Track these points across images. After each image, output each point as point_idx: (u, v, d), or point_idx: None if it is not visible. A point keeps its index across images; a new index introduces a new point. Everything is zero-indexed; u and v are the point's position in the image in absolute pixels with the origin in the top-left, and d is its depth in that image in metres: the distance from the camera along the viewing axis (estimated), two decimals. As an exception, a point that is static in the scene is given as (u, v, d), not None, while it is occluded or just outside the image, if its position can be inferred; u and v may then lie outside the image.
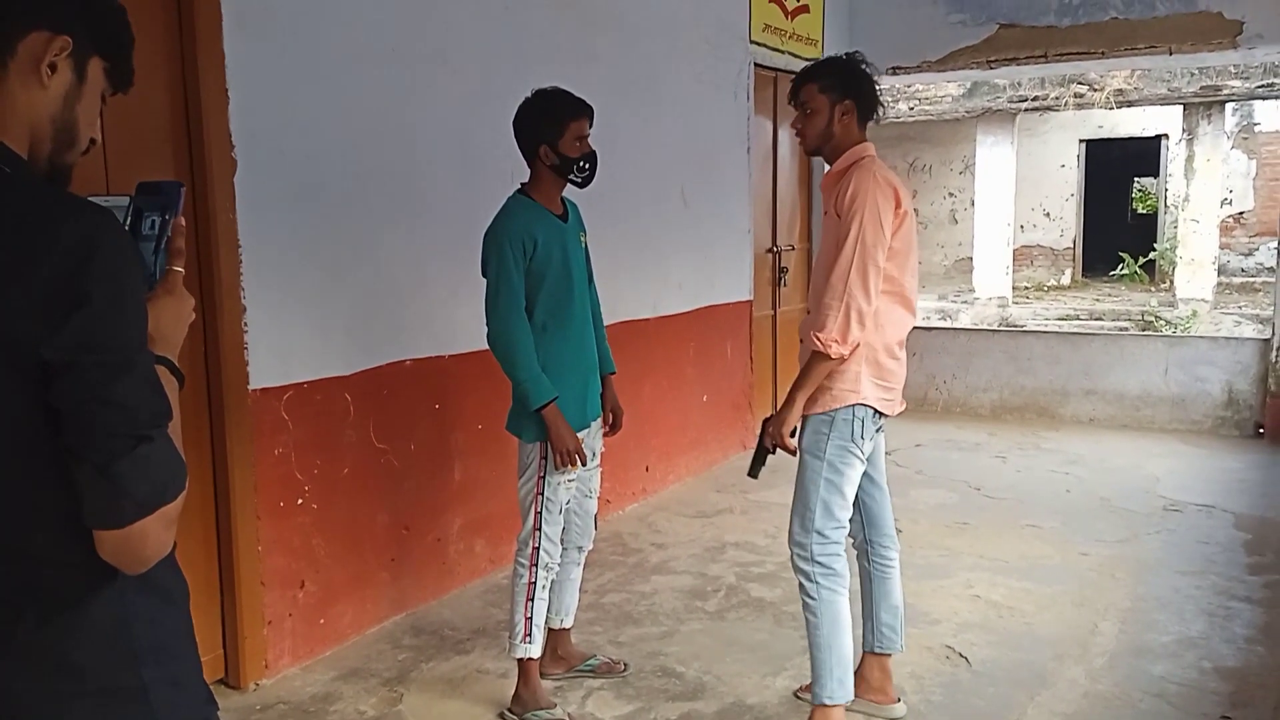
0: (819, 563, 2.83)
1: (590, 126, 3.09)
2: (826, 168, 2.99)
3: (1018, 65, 7.13)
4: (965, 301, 14.22)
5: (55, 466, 1.12)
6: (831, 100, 2.86)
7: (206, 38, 3.10)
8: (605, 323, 3.44)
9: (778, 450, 2.88)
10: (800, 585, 2.88)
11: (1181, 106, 13.39)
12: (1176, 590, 4.11)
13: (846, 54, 2.95)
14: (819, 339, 2.71)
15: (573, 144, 3.04)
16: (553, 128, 3.04)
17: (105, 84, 1.27)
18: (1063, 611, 3.91)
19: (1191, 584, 4.17)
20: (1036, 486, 5.62)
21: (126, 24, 1.28)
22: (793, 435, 2.86)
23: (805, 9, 6.90)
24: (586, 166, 3.09)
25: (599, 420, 3.32)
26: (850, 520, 2.93)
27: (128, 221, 1.25)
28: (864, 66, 2.91)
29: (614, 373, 3.40)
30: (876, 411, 2.85)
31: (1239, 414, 6.73)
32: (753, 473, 2.94)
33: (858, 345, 2.75)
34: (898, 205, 2.78)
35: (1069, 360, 7.28)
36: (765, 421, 2.90)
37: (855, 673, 2.99)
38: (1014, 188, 14.23)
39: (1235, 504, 5.24)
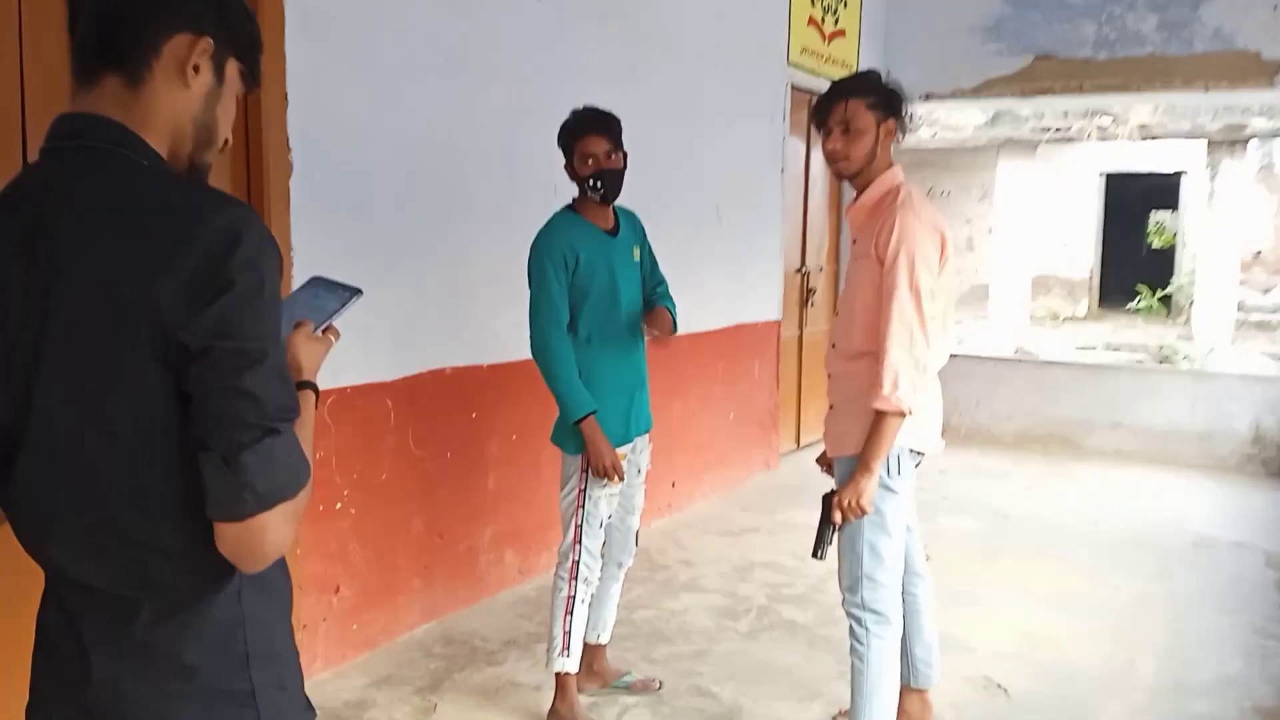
0: (871, 609, 2.72)
1: (606, 144, 3.03)
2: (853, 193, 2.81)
3: (1053, 96, 7.14)
4: (981, 329, 14.20)
5: (184, 458, 1.12)
6: (878, 119, 2.66)
7: (269, 40, 3.07)
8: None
9: (841, 522, 2.67)
10: (850, 629, 2.77)
11: (1205, 142, 13.40)
12: (1212, 628, 4.08)
13: (875, 71, 2.79)
14: (894, 400, 2.53)
15: (583, 163, 3.04)
16: (565, 149, 3.08)
17: (240, 84, 1.28)
18: (1099, 645, 3.87)
19: (1227, 622, 4.14)
20: (1064, 517, 5.59)
21: (258, 27, 1.30)
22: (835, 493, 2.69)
23: (842, 33, 6.92)
24: (599, 185, 3.05)
25: (646, 436, 3.31)
26: None
27: (329, 283, 1.42)
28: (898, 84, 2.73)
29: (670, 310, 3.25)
30: (911, 450, 2.74)
31: (1265, 451, 6.69)
32: (818, 553, 2.71)
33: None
34: (943, 248, 2.64)
35: (1094, 392, 7.26)
36: (828, 496, 2.69)
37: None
38: (1034, 218, 14.22)
39: (1266, 542, 5.21)
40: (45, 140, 1.20)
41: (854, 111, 2.66)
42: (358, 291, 1.40)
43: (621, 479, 3.10)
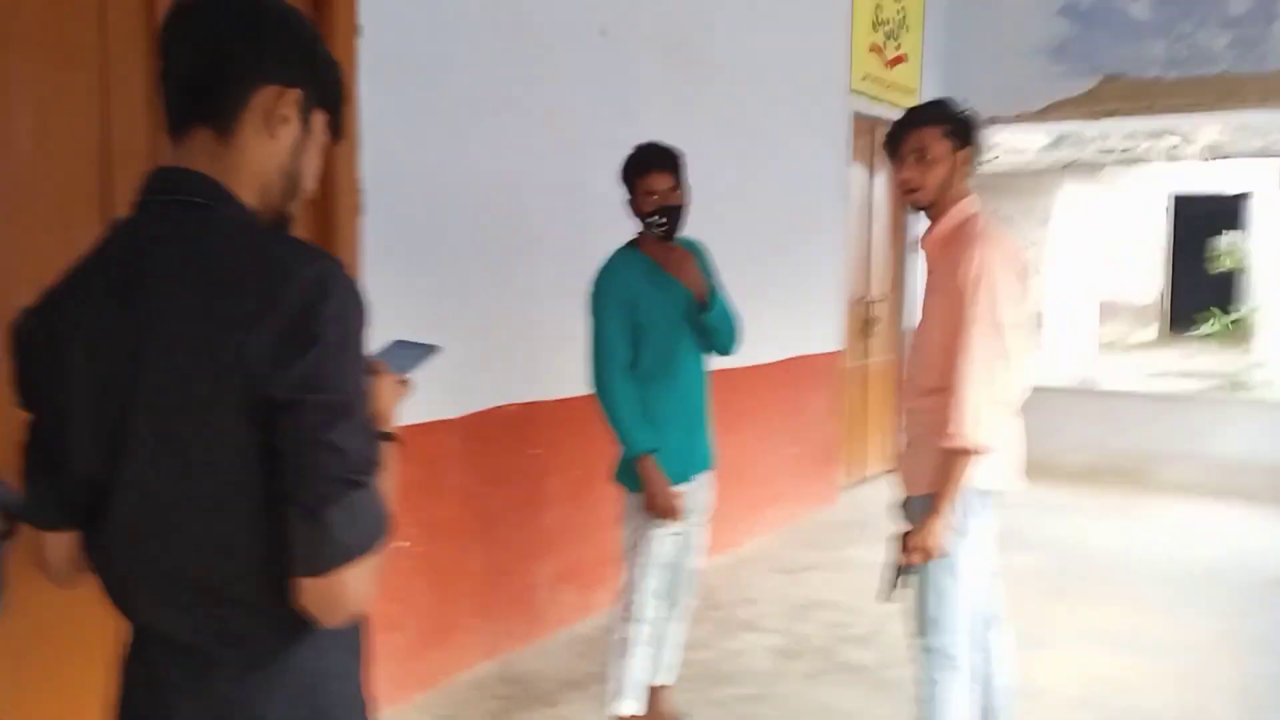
0: (940, 654, 2.65)
1: (669, 180, 3.00)
2: (925, 221, 2.75)
3: (1121, 117, 7.00)
4: (1043, 357, 13.95)
5: (267, 511, 1.12)
6: (954, 147, 2.60)
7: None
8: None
9: (911, 564, 2.62)
10: (918, 674, 2.72)
11: (1276, 161, 13.05)
12: (1292, 674, 3.94)
13: (948, 99, 2.75)
14: (964, 437, 2.47)
15: (645, 200, 3.02)
16: (628, 185, 3.06)
17: (325, 136, 1.29)
18: (1172, 689, 3.75)
19: (1308, 669, 3.99)
20: (1134, 553, 5.44)
21: (343, 80, 1.31)
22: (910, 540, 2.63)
23: (903, 59, 6.86)
24: (663, 221, 3.02)
25: (708, 474, 3.27)
26: None
27: (407, 343, 1.45)
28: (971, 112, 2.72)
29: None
30: (986, 489, 2.64)
31: (1346, 486, 6.46)
32: (887, 595, 2.68)
33: None
34: (1023, 278, 2.59)
35: (1163, 423, 7.08)
36: (904, 537, 2.63)
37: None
38: (1098, 241, 13.96)
39: (1349, 585, 5.03)
40: (138, 194, 1.22)
41: (929, 140, 2.61)
42: (436, 348, 1.42)
43: (679, 519, 3.07)
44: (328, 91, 1.27)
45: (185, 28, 1.20)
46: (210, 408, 1.10)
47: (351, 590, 1.12)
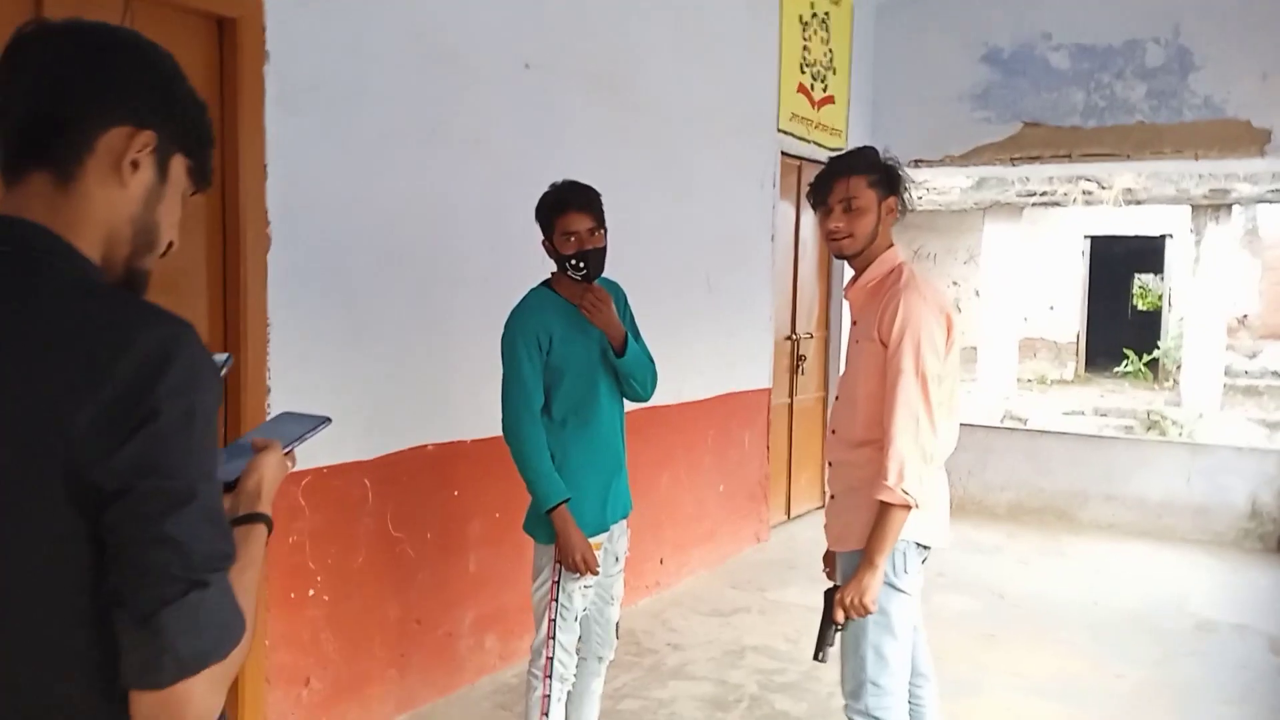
0: (874, 716, 2.54)
1: (589, 221, 2.86)
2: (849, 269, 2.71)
3: (1041, 164, 7.13)
4: (968, 392, 14.13)
5: (98, 612, 0.97)
6: (880, 197, 2.57)
7: (249, 112, 3.01)
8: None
9: (844, 622, 2.53)
10: None
11: (1189, 206, 13.48)
12: (1219, 719, 3.93)
13: (873, 148, 2.70)
14: (899, 492, 2.41)
15: (564, 241, 2.86)
16: (545, 225, 2.91)
17: (187, 183, 1.16)
18: (1105, 739, 3.72)
19: (1233, 713, 3.99)
20: (1063, 596, 5.44)
21: (209, 120, 1.18)
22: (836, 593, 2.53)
23: (830, 100, 6.90)
24: (582, 265, 2.87)
25: (624, 521, 3.14)
26: None
27: (296, 415, 1.38)
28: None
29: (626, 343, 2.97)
30: (918, 544, 2.58)
31: (1263, 526, 6.57)
32: (820, 655, 2.56)
33: None
34: (949, 330, 2.54)
35: (1088, 463, 7.14)
36: (830, 593, 2.54)
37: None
38: (1020, 280, 14.25)
39: (1268, 624, 5.07)
40: None
41: (856, 189, 2.57)
42: (326, 420, 1.31)
43: (595, 572, 2.93)
44: (189, 133, 1.14)
45: (24, 59, 1.07)
46: (27, 494, 0.96)
47: (195, 707, 0.98)
